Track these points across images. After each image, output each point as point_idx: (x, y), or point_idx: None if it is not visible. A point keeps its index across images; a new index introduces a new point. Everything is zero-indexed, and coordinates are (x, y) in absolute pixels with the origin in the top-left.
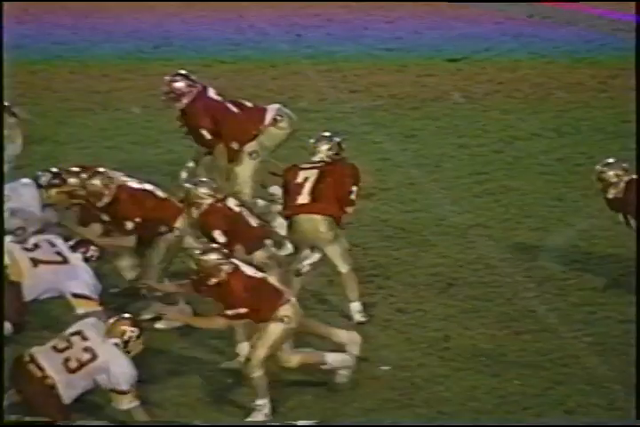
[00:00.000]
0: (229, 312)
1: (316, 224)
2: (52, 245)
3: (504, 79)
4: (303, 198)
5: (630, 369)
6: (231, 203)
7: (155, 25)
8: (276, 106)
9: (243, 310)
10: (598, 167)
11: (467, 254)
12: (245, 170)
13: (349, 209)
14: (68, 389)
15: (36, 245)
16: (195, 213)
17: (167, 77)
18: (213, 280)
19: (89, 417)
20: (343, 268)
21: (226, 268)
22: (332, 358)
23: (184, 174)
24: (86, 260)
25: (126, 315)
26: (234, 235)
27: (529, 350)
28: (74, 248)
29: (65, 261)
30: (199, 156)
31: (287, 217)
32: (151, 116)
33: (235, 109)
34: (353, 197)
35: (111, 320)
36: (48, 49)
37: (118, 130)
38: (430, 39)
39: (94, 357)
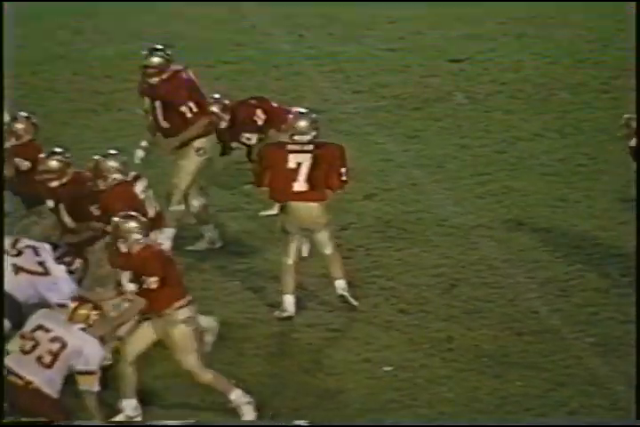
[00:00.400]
0: (144, 284)
1: (313, 211)
2: (37, 253)
3: (507, 80)
4: (300, 186)
5: (633, 370)
6: (139, 187)
7: (157, 26)
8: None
9: (154, 279)
10: (627, 115)
11: (469, 255)
12: (189, 165)
13: (340, 190)
14: (52, 384)
15: (20, 252)
16: (101, 185)
17: (144, 52)
18: (125, 248)
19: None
20: (328, 250)
21: (139, 236)
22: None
23: (140, 153)
24: (70, 272)
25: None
26: None
27: (531, 351)
28: (59, 259)
29: (46, 272)
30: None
31: (280, 202)
32: None
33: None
34: (344, 178)
35: (72, 305)
36: (51, 50)
37: (121, 131)
38: (433, 40)
39: (64, 344)
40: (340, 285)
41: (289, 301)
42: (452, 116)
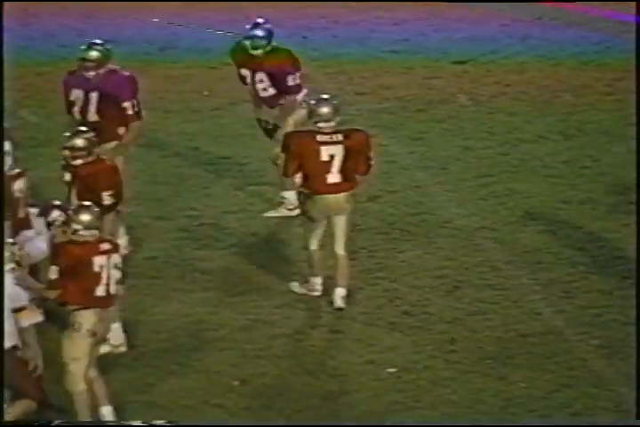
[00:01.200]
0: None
1: (344, 199)
2: None
3: (510, 82)
4: (334, 177)
5: (635, 371)
6: (19, 184)
7: (159, 27)
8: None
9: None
10: None
11: (472, 257)
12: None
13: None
14: (9, 337)
15: None
16: None
17: (83, 46)
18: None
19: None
20: (341, 249)
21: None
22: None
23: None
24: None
25: (9, 240)
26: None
27: (535, 353)
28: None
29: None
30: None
31: (315, 194)
32: (158, 119)
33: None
34: (371, 163)
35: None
36: (54, 51)
37: None
38: (436, 41)
39: None
40: (340, 293)
41: (318, 282)
42: (456, 117)
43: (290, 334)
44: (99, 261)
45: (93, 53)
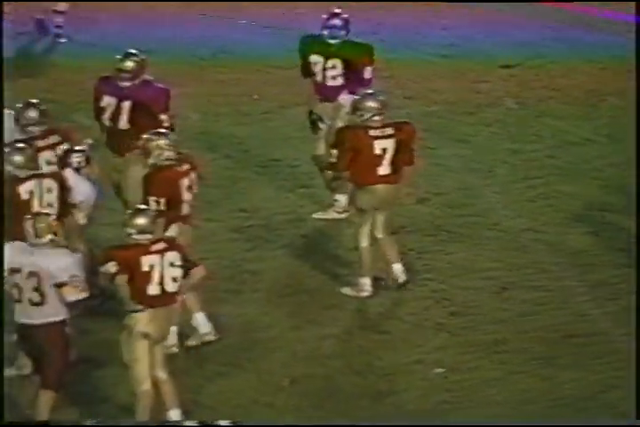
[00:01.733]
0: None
1: (394, 191)
2: None
3: (558, 85)
4: (385, 169)
5: None
6: (27, 186)
7: (212, 32)
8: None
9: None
10: None
11: (520, 258)
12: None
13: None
14: (58, 312)
15: None
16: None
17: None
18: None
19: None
20: (381, 233)
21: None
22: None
23: None
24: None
25: (43, 211)
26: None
27: (581, 354)
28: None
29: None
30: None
31: (365, 186)
32: (209, 122)
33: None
34: (414, 153)
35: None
36: (109, 55)
37: (177, 135)
38: (484, 46)
39: (38, 274)
40: (398, 269)
41: (367, 282)
42: (503, 121)
43: (338, 334)
44: (148, 260)
45: (129, 64)
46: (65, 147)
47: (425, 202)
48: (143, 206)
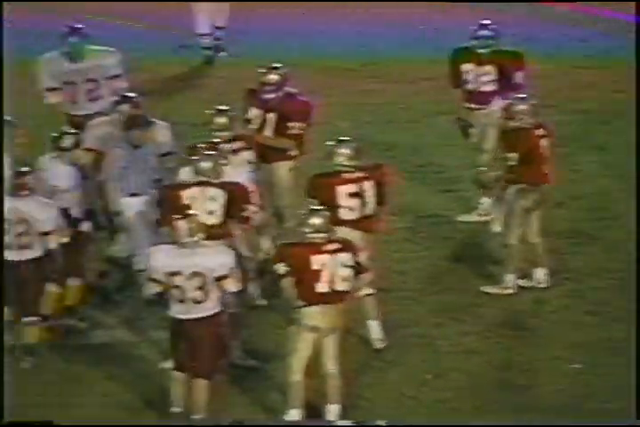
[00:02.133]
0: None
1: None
2: None
3: None
4: (547, 168)
5: None
6: (193, 191)
7: (360, 42)
8: None
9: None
10: None
11: None
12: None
13: None
14: (218, 305)
15: None
16: None
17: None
18: None
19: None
20: (537, 237)
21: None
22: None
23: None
24: None
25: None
26: None
27: None
28: None
29: None
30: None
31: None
32: (357, 129)
33: None
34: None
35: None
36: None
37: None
38: (620, 57)
39: (202, 274)
40: (542, 273)
41: (512, 279)
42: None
43: (479, 331)
44: (318, 259)
45: (273, 77)
46: (248, 153)
47: (563, 206)
48: (317, 207)
